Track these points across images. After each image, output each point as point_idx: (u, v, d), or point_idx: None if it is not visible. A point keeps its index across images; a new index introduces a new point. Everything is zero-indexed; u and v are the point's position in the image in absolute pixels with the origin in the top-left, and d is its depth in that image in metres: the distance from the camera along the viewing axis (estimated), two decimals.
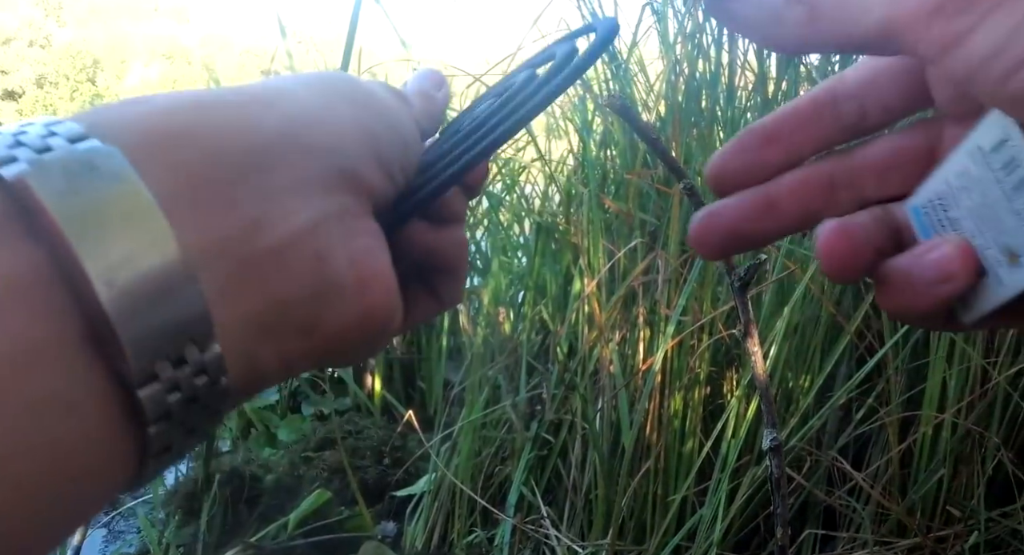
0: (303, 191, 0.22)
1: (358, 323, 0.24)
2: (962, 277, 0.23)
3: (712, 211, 0.28)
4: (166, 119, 0.21)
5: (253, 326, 0.21)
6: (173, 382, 0.19)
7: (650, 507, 1.25)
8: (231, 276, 0.20)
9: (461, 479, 1.43)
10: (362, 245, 0.24)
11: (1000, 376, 1.18)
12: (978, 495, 1.22)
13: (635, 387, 1.27)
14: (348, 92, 0.26)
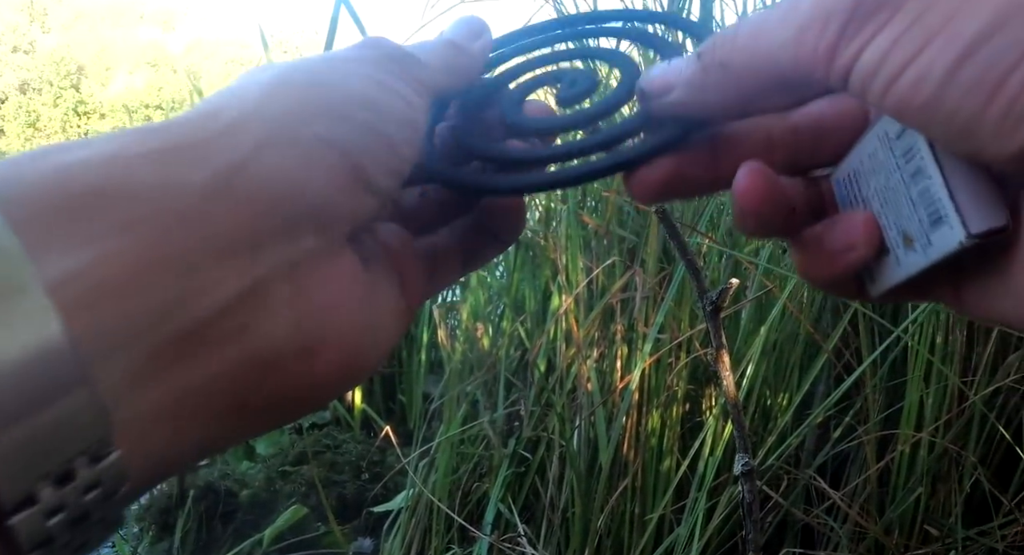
0: (236, 253, 0.19)
1: (298, 395, 0.21)
2: (863, 249, 0.25)
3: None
4: (73, 178, 0.17)
5: (165, 418, 0.18)
6: (55, 504, 0.16)
7: (627, 525, 1.24)
8: (138, 366, 0.17)
9: (438, 496, 1.42)
10: (316, 303, 0.21)
11: (977, 395, 1.18)
12: (956, 514, 1.22)
13: (613, 404, 1.26)
14: (315, 101, 0.23)
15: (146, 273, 0.17)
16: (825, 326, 1.28)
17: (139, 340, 0.17)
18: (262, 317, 0.20)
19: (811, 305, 1.26)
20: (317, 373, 0.21)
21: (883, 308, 1.32)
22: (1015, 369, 1.20)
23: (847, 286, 0.27)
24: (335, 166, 0.22)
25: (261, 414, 0.21)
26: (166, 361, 0.18)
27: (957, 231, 0.22)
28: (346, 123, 0.23)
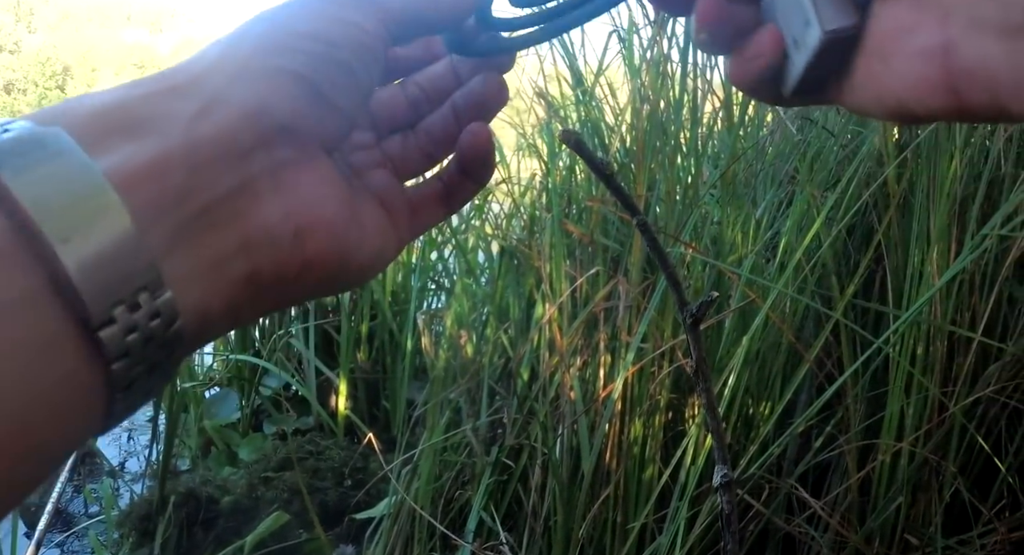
0: (227, 159, 0.25)
1: (301, 268, 0.26)
2: (768, 55, 0.31)
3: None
4: (100, 103, 0.24)
5: (195, 276, 0.24)
6: (129, 324, 0.21)
7: (609, 534, 1.24)
8: (169, 236, 0.23)
9: (421, 503, 1.42)
10: (301, 194, 0.26)
11: (956, 406, 1.19)
12: (935, 523, 1.23)
13: (595, 413, 1.26)
14: (276, 40, 0.28)
15: (162, 171, 0.23)
16: (807, 336, 1.29)
17: (166, 216, 0.23)
18: (254, 205, 0.25)
19: (793, 315, 1.27)
20: (308, 252, 0.26)
21: (864, 318, 1.32)
22: (995, 380, 1.21)
23: (766, 90, 0.32)
24: (294, 89, 0.27)
25: (271, 288, 0.26)
26: (187, 235, 0.23)
27: (816, 30, 0.29)
28: (301, 54, 0.27)
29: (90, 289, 0.21)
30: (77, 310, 0.21)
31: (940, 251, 1.18)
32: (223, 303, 0.25)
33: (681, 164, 1.39)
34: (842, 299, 1.20)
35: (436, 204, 0.35)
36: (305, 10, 0.29)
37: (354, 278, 0.30)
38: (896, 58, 0.27)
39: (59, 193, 0.21)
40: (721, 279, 1.28)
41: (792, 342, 1.22)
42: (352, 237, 0.28)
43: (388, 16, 0.30)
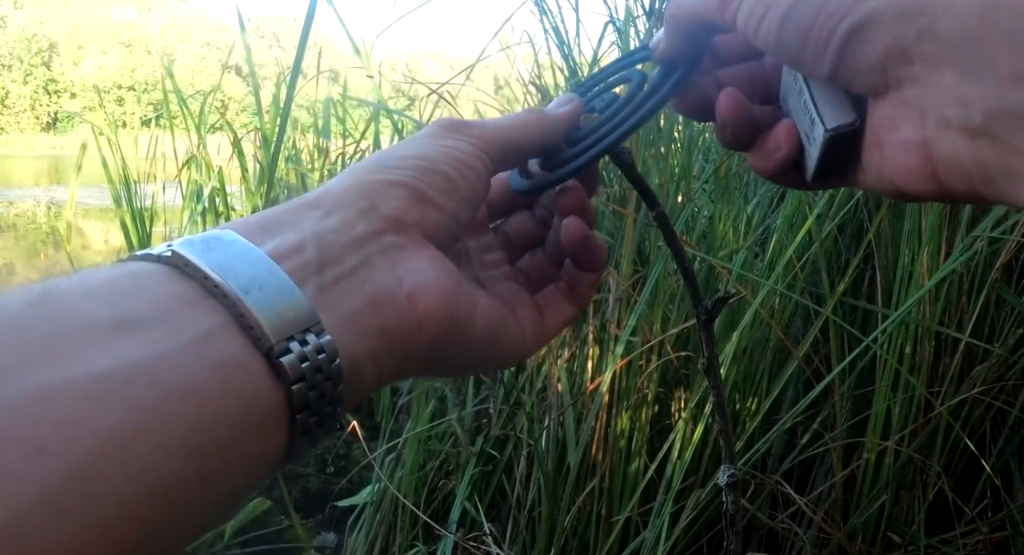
0: (351, 244, 0.31)
1: (418, 325, 0.31)
2: (786, 147, 0.36)
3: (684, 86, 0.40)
4: (250, 218, 0.31)
5: (339, 327, 0.28)
6: (302, 354, 0.26)
7: (594, 527, 1.24)
8: (314, 295, 0.28)
9: (404, 492, 1.41)
10: (410, 267, 0.31)
11: (943, 406, 1.19)
12: (919, 521, 1.23)
13: (582, 406, 1.26)
14: (381, 162, 0.34)
15: (300, 249, 0.29)
16: (796, 333, 1.29)
17: (310, 279, 0.29)
18: (373, 274, 0.30)
19: (783, 312, 1.27)
20: (420, 309, 0.31)
21: (853, 317, 1.32)
22: (980, 381, 1.21)
23: (790, 177, 0.37)
24: (397, 192, 0.33)
25: (400, 343, 0.31)
26: (328, 296, 0.29)
27: (820, 128, 0.33)
28: (404, 169, 0.34)
29: (268, 326, 0.26)
30: (260, 342, 0.26)
31: (931, 252, 1.18)
32: (364, 352, 0.29)
33: (674, 158, 1.38)
34: (832, 297, 1.20)
35: (562, 301, 0.41)
36: (410, 142, 0.36)
37: (480, 357, 0.36)
38: (887, 148, 0.31)
39: (234, 264, 0.27)
40: (711, 274, 1.28)
41: (781, 338, 1.22)
42: (463, 304, 0.33)
43: (483, 143, 0.37)
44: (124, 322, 0.24)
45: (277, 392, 0.26)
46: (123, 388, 0.22)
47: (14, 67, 77.95)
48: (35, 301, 0.24)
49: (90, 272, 0.26)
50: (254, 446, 0.26)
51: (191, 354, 0.24)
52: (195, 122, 3.12)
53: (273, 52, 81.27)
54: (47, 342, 0.22)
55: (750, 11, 0.32)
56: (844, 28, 0.29)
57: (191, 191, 3.18)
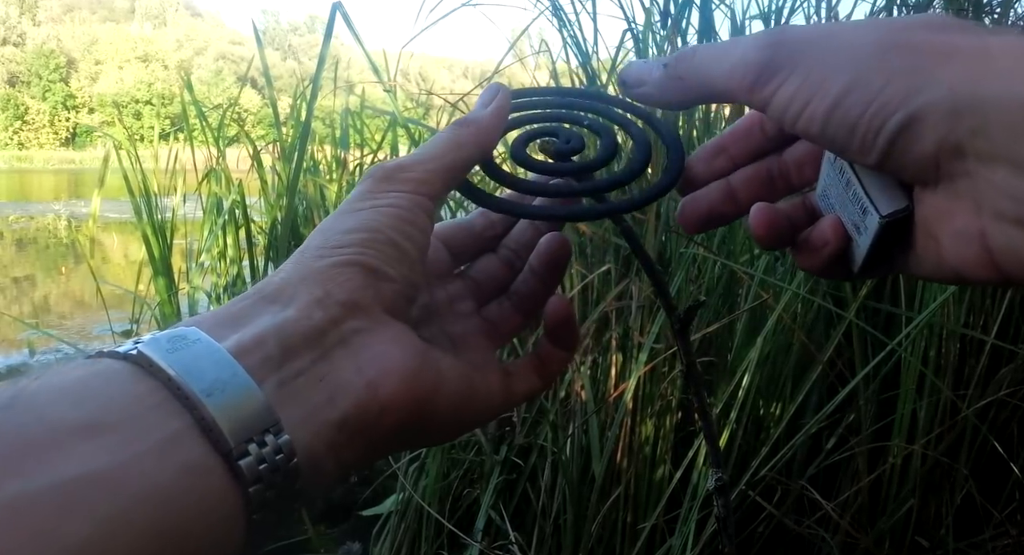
0: (310, 336, 0.31)
1: (380, 413, 0.31)
2: (834, 242, 0.36)
3: (692, 198, 0.40)
4: (214, 314, 0.31)
5: (298, 423, 0.29)
6: (260, 456, 0.27)
7: (619, 535, 1.24)
8: (274, 392, 0.29)
9: (428, 501, 1.42)
10: (370, 354, 0.31)
11: (969, 409, 1.18)
12: (946, 525, 1.22)
13: (606, 413, 1.26)
14: (326, 242, 0.34)
15: (260, 343, 0.30)
16: (819, 337, 1.29)
17: (270, 376, 0.29)
18: (332, 369, 0.31)
19: (805, 316, 1.26)
20: (382, 397, 0.31)
21: (876, 320, 1.32)
22: (1007, 383, 1.20)
23: (836, 270, 0.37)
24: (348, 273, 0.33)
25: (361, 432, 0.31)
26: (287, 392, 0.29)
27: (874, 215, 0.33)
28: (349, 247, 0.33)
29: (228, 429, 0.27)
30: (220, 445, 0.27)
31: None
32: (324, 445, 0.30)
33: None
34: (855, 300, 1.20)
35: (530, 373, 0.40)
36: (348, 209, 0.35)
37: (442, 430, 0.35)
38: (944, 239, 0.31)
39: (198, 364, 0.28)
40: (733, 279, 1.28)
41: (804, 343, 1.22)
42: (426, 383, 0.33)
43: (422, 185, 0.36)
44: (91, 426, 0.25)
45: (236, 493, 0.27)
46: (91, 496, 0.23)
47: (33, 83, 78.75)
48: (5, 406, 0.24)
49: (60, 372, 0.27)
50: (212, 544, 0.26)
51: (155, 458, 0.25)
52: (214, 135, 3.14)
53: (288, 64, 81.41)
54: (17, 450, 0.23)
55: (790, 98, 0.32)
56: (895, 122, 0.29)
57: (211, 203, 3.20)
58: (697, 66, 0.35)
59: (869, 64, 0.30)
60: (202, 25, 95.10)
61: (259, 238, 3.16)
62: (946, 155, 0.29)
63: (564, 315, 0.40)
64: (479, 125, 0.39)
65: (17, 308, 4.44)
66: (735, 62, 0.33)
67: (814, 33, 0.32)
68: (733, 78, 0.33)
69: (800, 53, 0.32)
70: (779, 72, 0.32)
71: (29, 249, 6.89)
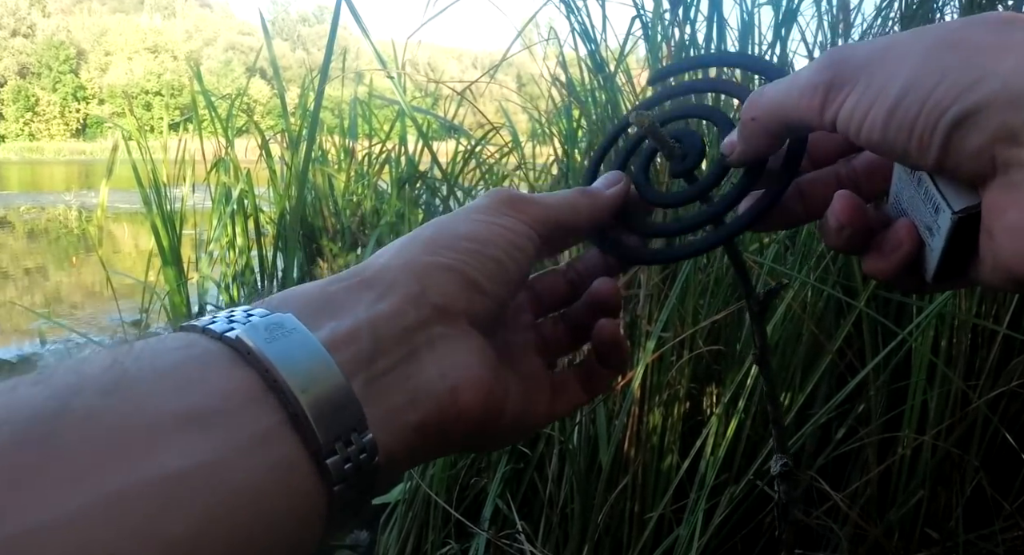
0: (401, 334, 0.32)
1: (456, 419, 0.32)
2: (907, 245, 0.35)
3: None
4: (310, 293, 0.32)
5: (381, 423, 0.30)
6: (345, 456, 0.28)
7: (627, 524, 1.23)
8: (362, 389, 0.29)
9: (436, 490, 1.42)
10: (453, 361, 0.32)
11: (980, 400, 1.17)
12: (956, 517, 1.21)
13: (614, 402, 1.26)
14: (434, 241, 0.35)
15: (354, 338, 0.30)
16: (829, 327, 1.28)
17: (360, 373, 0.30)
18: (418, 370, 0.32)
19: (815, 305, 1.26)
20: (460, 405, 0.32)
21: (887, 309, 1.31)
22: (1019, 373, 1.19)
23: (908, 280, 0.37)
24: (447, 278, 0.34)
25: (435, 435, 0.32)
26: (373, 390, 0.30)
27: (947, 212, 0.32)
28: (457, 252, 0.35)
29: (319, 426, 0.27)
30: (310, 443, 0.27)
31: None
32: (402, 447, 0.31)
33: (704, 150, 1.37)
34: (865, 290, 1.19)
35: (577, 388, 0.41)
36: (466, 216, 0.37)
37: (499, 439, 0.37)
38: (997, 233, 0.31)
39: (296, 356, 0.28)
40: None
41: (814, 333, 1.21)
42: (497, 397, 0.34)
43: (536, 223, 0.38)
44: (192, 417, 0.25)
45: (320, 493, 0.28)
46: (190, 491, 0.24)
47: (43, 75, 79.00)
48: (108, 391, 0.25)
49: (158, 352, 0.27)
50: (295, 541, 0.27)
51: (252, 454, 0.26)
52: (223, 125, 3.14)
53: (297, 54, 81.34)
54: (121, 439, 0.24)
55: (852, 108, 0.32)
56: (952, 114, 0.29)
57: (220, 193, 3.21)
58: (768, 103, 0.36)
59: (923, 65, 0.30)
60: (211, 16, 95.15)
61: (268, 228, 3.17)
62: (1002, 144, 0.28)
63: (613, 339, 0.41)
64: (597, 201, 0.41)
65: (29, 298, 4.46)
66: (802, 88, 0.34)
67: (873, 47, 0.32)
68: (802, 103, 0.34)
69: (861, 67, 0.32)
70: (843, 88, 0.32)
71: (40, 240, 6.92)
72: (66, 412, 0.23)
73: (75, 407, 0.23)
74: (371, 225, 2.92)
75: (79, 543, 0.21)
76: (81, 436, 0.23)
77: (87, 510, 0.21)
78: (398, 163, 2.97)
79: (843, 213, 0.36)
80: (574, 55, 1.61)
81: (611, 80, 1.51)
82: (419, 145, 2.76)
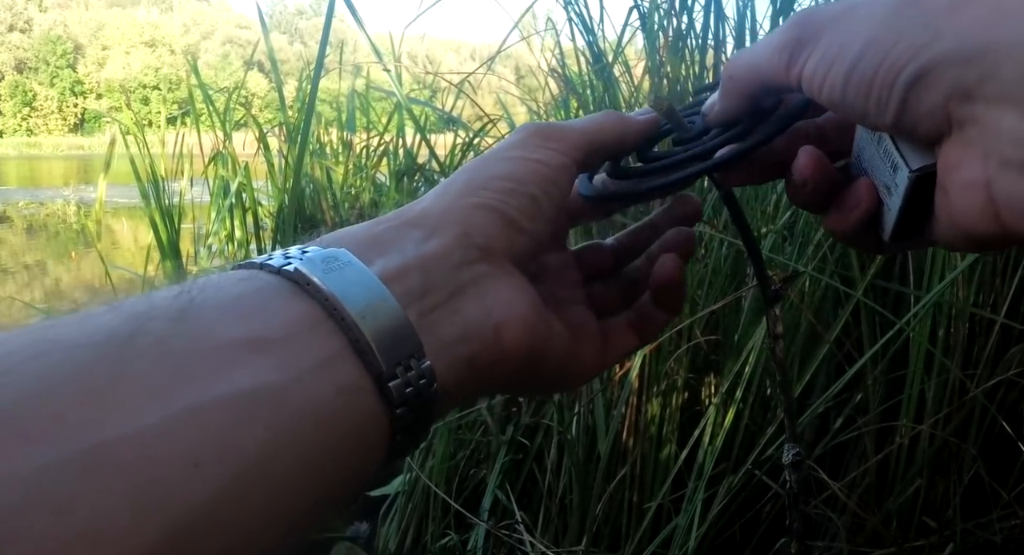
0: (448, 273, 0.32)
1: (501, 356, 0.33)
2: (865, 202, 0.35)
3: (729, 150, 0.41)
4: (359, 233, 0.33)
5: (434, 354, 0.30)
6: (406, 380, 0.29)
7: (625, 514, 1.24)
8: (416, 322, 0.30)
9: (436, 481, 1.42)
10: (496, 298, 0.33)
11: (978, 389, 1.17)
12: (954, 506, 1.22)
13: (612, 392, 1.26)
14: (470, 183, 0.36)
15: (405, 273, 0.31)
16: (826, 316, 1.28)
17: (413, 305, 0.30)
18: (465, 305, 0.32)
19: (812, 295, 1.26)
20: (505, 342, 0.33)
21: (884, 299, 1.31)
22: (1016, 362, 1.19)
23: (867, 239, 0.37)
24: (488, 218, 0.34)
25: (485, 370, 0.33)
26: (426, 322, 0.31)
27: (904, 171, 0.33)
28: (494, 192, 0.35)
29: (380, 352, 0.28)
30: (373, 367, 0.28)
31: None
32: (454, 379, 0.31)
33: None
34: (863, 279, 1.19)
35: (629, 332, 0.42)
36: (500, 155, 0.37)
37: (549, 383, 0.38)
38: (951, 191, 0.31)
39: (351, 287, 0.29)
40: (740, 257, 1.27)
41: (812, 322, 1.21)
42: (540, 336, 0.35)
43: (571, 149, 0.38)
44: (257, 342, 0.26)
45: (384, 415, 0.29)
46: (262, 409, 0.25)
47: (40, 69, 78.79)
48: (177, 318, 0.25)
49: (220, 285, 0.28)
50: (360, 463, 0.28)
51: (316, 377, 0.27)
52: (220, 119, 3.14)
53: (295, 47, 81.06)
54: (192, 360, 0.24)
55: (814, 68, 0.33)
56: (908, 73, 0.29)
57: (218, 187, 3.20)
58: (743, 63, 0.37)
59: (882, 26, 0.30)
60: (208, 9, 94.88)
61: (267, 221, 3.16)
62: (956, 100, 0.29)
63: (675, 278, 0.41)
64: (627, 120, 0.42)
65: (29, 293, 4.46)
66: (772, 47, 0.35)
67: (838, 7, 0.33)
68: (771, 62, 0.35)
69: (823, 26, 0.33)
70: (805, 47, 0.33)
71: (39, 235, 6.92)
72: (139, 335, 0.24)
73: (147, 330, 0.24)
74: (369, 218, 2.92)
75: (159, 454, 0.22)
76: (154, 357, 0.24)
77: (165, 423, 0.22)
78: (396, 156, 2.97)
79: (807, 168, 0.36)
80: (572, 46, 1.61)
81: (609, 71, 1.51)
82: (417, 137, 2.76)
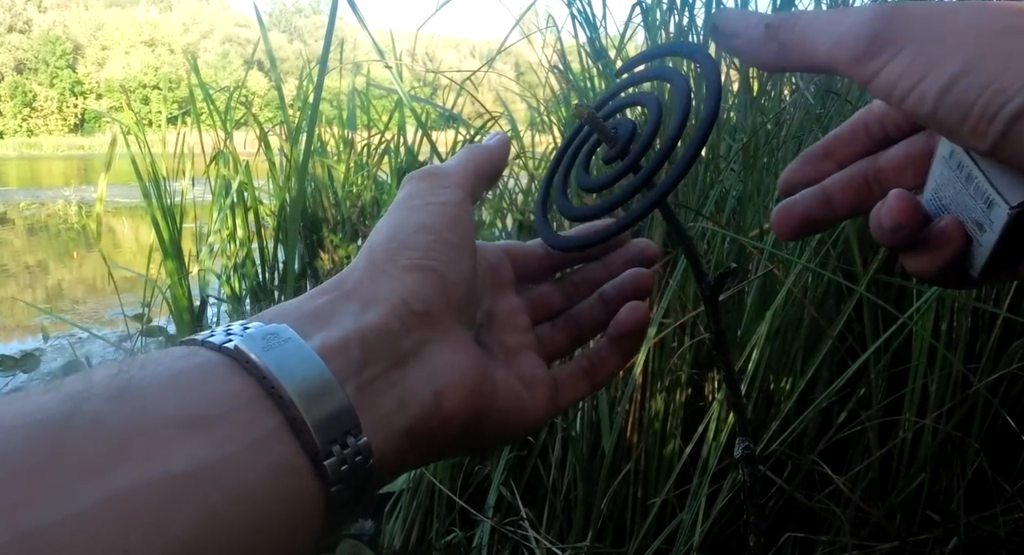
0: (388, 343, 0.32)
1: (442, 421, 0.33)
2: (956, 242, 0.34)
3: (787, 204, 0.40)
4: (299, 307, 0.33)
5: (372, 427, 0.30)
6: (342, 458, 0.29)
7: (630, 510, 1.24)
8: (354, 396, 0.30)
9: (440, 478, 1.42)
10: (437, 364, 0.33)
11: (980, 382, 1.17)
12: (957, 499, 1.22)
13: (616, 388, 1.26)
14: (401, 241, 0.36)
15: (345, 347, 0.31)
16: (829, 311, 1.28)
17: (351, 379, 0.30)
18: (405, 375, 0.32)
19: (815, 290, 1.26)
20: (445, 409, 0.33)
21: (887, 293, 1.31)
22: (1019, 356, 1.20)
23: (951, 276, 0.35)
24: (420, 280, 0.34)
25: (425, 439, 0.32)
26: (364, 396, 0.31)
27: (1003, 207, 0.31)
28: (413, 249, 0.35)
29: (316, 429, 0.28)
30: (308, 445, 0.28)
31: None
32: (393, 450, 0.31)
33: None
34: (865, 274, 1.19)
35: (580, 380, 0.41)
36: (407, 206, 0.38)
37: (494, 439, 0.37)
38: None
39: (292, 364, 0.29)
40: (742, 253, 1.27)
41: (814, 317, 1.21)
42: (484, 397, 0.35)
43: (459, 188, 0.39)
44: (193, 420, 0.26)
45: (320, 493, 0.28)
46: (195, 490, 0.24)
47: (40, 70, 78.76)
48: (114, 396, 0.26)
49: (161, 362, 0.28)
50: (296, 539, 0.28)
51: (251, 456, 0.27)
52: (221, 118, 3.14)
53: (295, 46, 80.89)
54: (127, 440, 0.24)
55: (900, 75, 0.30)
56: (1012, 108, 0.28)
57: (219, 186, 3.20)
58: (800, 35, 0.34)
59: (987, 46, 0.29)
60: (208, 8, 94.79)
61: (268, 220, 3.16)
62: None
63: (642, 322, 0.41)
64: (485, 146, 0.42)
65: (30, 294, 4.46)
66: (843, 33, 0.32)
67: (931, 10, 0.31)
68: (838, 49, 0.32)
69: (914, 30, 0.31)
70: (888, 46, 0.31)
71: (40, 235, 6.92)
72: (75, 416, 0.24)
73: (84, 411, 0.24)
74: (371, 216, 2.92)
75: (90, 539, 0.22)
76: (90, 439, 0.24)
77: (97, 507, 0.22)
78: (397, 153, 2.97)
79: (902, 214, 0.34)
80: (572, 43, 1.61)
81: (610, 68, 1.51)
82: (418, 135, 2.76)
